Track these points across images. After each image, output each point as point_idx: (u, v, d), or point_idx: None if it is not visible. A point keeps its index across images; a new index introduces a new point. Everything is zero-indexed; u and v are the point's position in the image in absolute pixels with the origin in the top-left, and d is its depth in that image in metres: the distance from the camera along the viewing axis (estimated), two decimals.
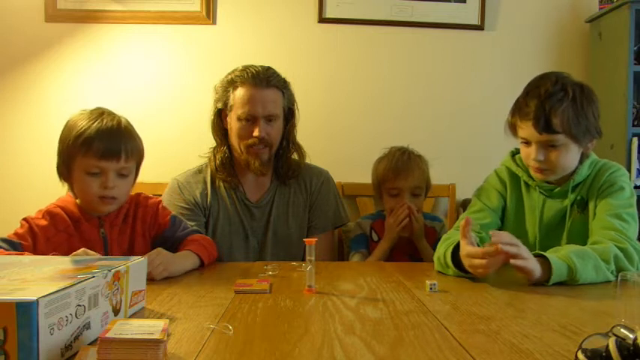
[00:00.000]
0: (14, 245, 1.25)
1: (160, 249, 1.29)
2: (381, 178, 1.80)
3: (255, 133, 1.64)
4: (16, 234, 1.28)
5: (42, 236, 1.30)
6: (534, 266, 1.16)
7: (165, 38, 2.38)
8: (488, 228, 1.46)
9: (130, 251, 1.40)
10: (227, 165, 1.73)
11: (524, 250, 1.15)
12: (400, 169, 1.76)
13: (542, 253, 1.20)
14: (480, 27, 2.44)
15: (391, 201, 1.76)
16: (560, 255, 1.19)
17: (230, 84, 1.68)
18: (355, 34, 2.42)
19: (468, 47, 2.46)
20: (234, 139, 1.70)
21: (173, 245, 1.43)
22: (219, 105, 1.71)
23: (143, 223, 1.43)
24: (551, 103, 1.30)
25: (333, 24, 2.41)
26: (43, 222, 1.31)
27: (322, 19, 2.40)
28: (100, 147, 1.29)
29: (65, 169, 1.34)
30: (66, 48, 2.35)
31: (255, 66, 1.70)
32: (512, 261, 1.14)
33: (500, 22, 2.47)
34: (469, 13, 2.43)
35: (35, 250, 1.27)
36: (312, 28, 2.41)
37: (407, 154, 1.81)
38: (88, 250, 1.17)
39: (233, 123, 1.68)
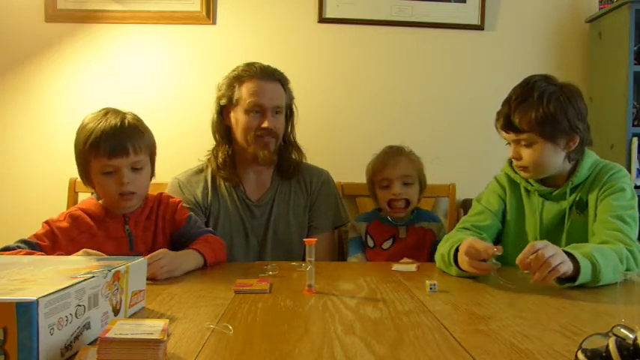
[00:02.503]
0: (31, 245, 1.27)
1: (165, 250, 1.30)
2: (371, 173, 1.80)
3: (265, 124, 1.67)
4: (34, 235, 1.32)
5: (64, 237, 1.33)
6: (561, 258, 1.11)
7: (165, 38, 2.38)
8: (488, 230, 1.48)
9: (154, 247, 1.42)
10: (229, 163, 1.74)
11: (542, 250, 1.10)
12: (387, 159, 1.78)
13: (566, 250, 1.16)
14: (480, 27, 2.44)
15: (383, 193, 1.75)
16: (583, 252, 1.16)
17: (236, 79, 1.71)
18: (355, 34, 2.42)
19: (468, 47, 2.46)
20: (240, 134, 1.71)
21: (186, 243, 1.46)
22: (223, 101, 1.72)
23: (164, 220, 1.48)
24: (516, 104, 1.36)
25: (333, 24, 2.41)
26: (65, 224, 1.35)
27: (322, 19, 2.40)
28: (107, 146, 1.32)
29: (84, 174, 1.38)
30: (66, 48, 2.35)
31: (259, 63, 1.73)
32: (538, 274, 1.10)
33: (500, 22, 2.47)
34: (469, 13, 2.43)
35: (56, 251, 1.30)
36: (312, 28, 2.41)
37: (394, 148, 1.81)
38: (89, 250, 1.19)
39: (240, 117, 1.69)
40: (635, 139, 2.19)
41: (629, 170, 2.14)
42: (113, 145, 1.32)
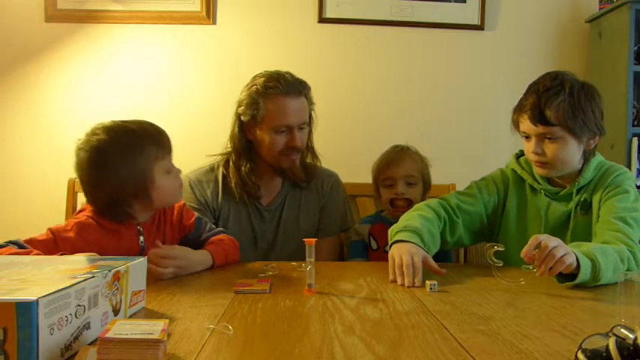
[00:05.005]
0: (22, 248, 1.19)
1: (182, 248, 1.29)
2: (376, 172, 1.81)
3: (293, 143, 1.63)
4: (31, 240, 1.21)
5: (68, 248, 1.21)
6: (565, 250, 1.11)
7: (166, 38, 2.38)
8: (469, 216, 1.48)
9: None
10: (250, 177, 1.69)
11: (548, 244, 1.10)
12: (391, 159, 1.77)
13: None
14: (479, 27, 2.44)
15: (387, 192, 1.76)
16: (583, 250, 1.15)
17: (259, 95, 1.62)
18: (355, 34, 2.42)
19: (468, 47, 2.46)
20: (265, 152, 1.66)
21: (198, 247, 1.41)
22: (245, 118, 1.65)
23: (172, 227, 1.42)
24: (547, 96, 1.33)
25: (333, 24, 2.41)
26: (70, 234, 1.24)
27: (322, 19, 2.40)
28: (168, 143, 1.33)
29: (137, 189, 1.26)
30: (66, 48, 2.35)
31: (281, 74, 1.65)
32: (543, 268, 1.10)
33: (501, 22, 2.47)
34: (469, 13, 2.43)
35: None
36: (312, 28, 2.41)
37: (400, 147, 1.82)
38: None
39: (265, 136, 1.64)
40: (635, 139, 2.19)
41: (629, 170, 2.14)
42: (169, 140, 1.33)
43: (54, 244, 1.22)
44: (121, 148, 1.25)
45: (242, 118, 1.66)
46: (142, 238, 1.33)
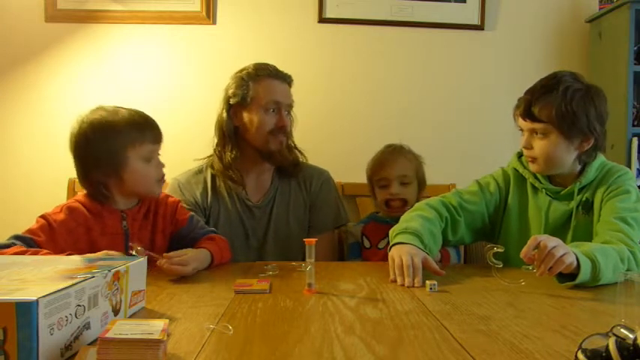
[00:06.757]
0: (26, 241, 1.24)
1: (188, 251, 1.31)
2: (370, 172, 1.81)
3: (282, 122, 1.70)
4: (28, 230, 1.28)
5: (62, 230, 1.30)
6: (564, 249, 1.11)
7: (166, 38, 2.38)
8: (471, 214, 1.49)
9: (151, 247, 1.41)
10: (236, 164, 1.72)
11: (547, 244, 1.10)
12: (385, 159, 1.78)
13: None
14: (479, 27, 2.44)
15: (382, 192, 1.76)
16: (583, 250, 1.16)
17: (250, 78, 1.70)
18: (355, 34, 2.42)
19: (468, 47, 2.46)
20: (255, 133, 1.70)
21: (189, 243, 1.45)
22: (234, 100, 1.70)
23: (164, 219, 1.47)
24: (539, 94, 1.36)
25: (333, 24, 2.41)
26: (62, 216, 1.32)
27: (322, 19, 2.40)
28: (151, 132, 1.37)
29: (109, 168, 1.33)
30: (66, 48, 2.35)
31: (268, 64, 1.75)
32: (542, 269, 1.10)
33: (501, 22, 2.47)
34: (469, 13, 2.43)
35: (55, 244, 1.27)
36: (312, 28, 2.41)
37: (392, 147, 1.82)
38: (110, 252, 1.17)
39: (254, 116, 1.69)
40: (635, 139, 2.19)
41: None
42: (155, 131, 1.38)
43: (49, 227, 1.29)
44: (104, 126, 1.33)
45: (231, 101, 1.71)
46: (124, 222, 1.39)
